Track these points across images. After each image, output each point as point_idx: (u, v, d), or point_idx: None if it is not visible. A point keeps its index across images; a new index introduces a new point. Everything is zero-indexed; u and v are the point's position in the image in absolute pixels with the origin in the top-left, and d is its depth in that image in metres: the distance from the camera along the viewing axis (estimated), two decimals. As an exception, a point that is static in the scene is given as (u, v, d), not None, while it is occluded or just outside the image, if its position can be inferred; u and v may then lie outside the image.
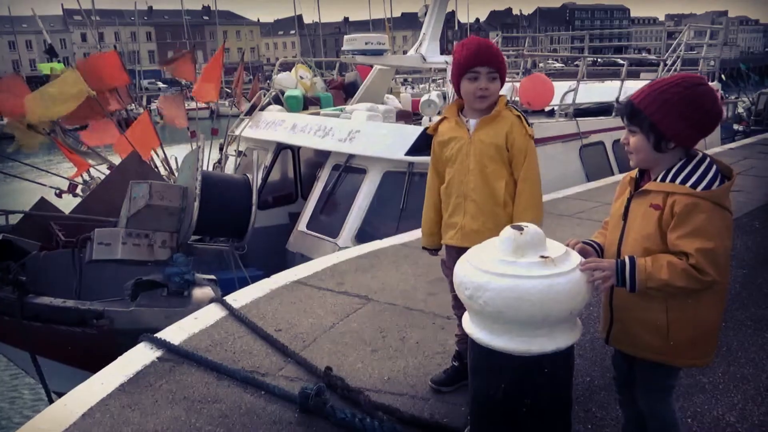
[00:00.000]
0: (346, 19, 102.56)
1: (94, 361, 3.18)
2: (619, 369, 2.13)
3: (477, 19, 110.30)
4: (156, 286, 4.62)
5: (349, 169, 6.89)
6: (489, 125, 2.53)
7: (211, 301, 3.79)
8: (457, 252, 2.62)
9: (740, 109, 20.04)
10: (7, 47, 75.25)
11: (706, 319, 1.90)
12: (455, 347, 2.88)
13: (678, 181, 1.81)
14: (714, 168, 1.82)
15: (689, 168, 1.82)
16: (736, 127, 17.41)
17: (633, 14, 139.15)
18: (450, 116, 2.65)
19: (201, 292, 4.58)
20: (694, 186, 1.78)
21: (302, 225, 6.87)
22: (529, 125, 2.55)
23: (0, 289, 4.84)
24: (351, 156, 6.83)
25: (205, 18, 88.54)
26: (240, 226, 5.76)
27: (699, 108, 1.80)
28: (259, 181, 6.78)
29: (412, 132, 6.59)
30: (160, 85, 63.19)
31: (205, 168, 5.96)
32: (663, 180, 1.84)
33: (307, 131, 7.33)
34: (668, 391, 2.02)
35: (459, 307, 2.68)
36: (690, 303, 1.84)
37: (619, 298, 1.97)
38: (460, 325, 2.71)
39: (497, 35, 16.96)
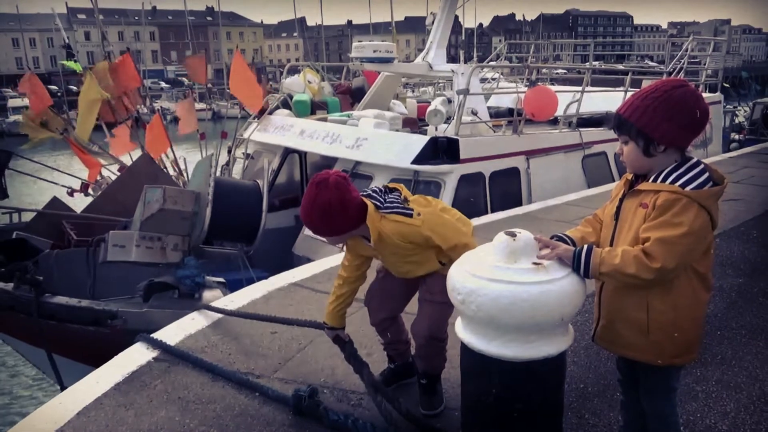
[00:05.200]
0: (349, 22, 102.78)
1: (106, 360, 3.21)
2: (623, 371, 2.17)
3: (480, 24, 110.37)
4: (168, 288, 4.73)
5: (356, 175, 7.00)
6: (383, 244, 2.46)
7: (197, 308, 3.79)
8: None
9: (741, 118, 20.03)
10: (11, 45, 75.45)
11: (687, 317, 1.92)
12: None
13: (669, 181, 1.85)
14: (706, 173, 1.86)
15: (681, 170, 1.86)
16: (734, 136, 17.39)
17: (636, 22, 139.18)
18: (349, 241, 2.62)
19: (211, 295, 4.69)
20: (683, 186, 1.83)
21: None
22: (410, 216, 2.41)
23: (17, 288, 4.94)
24: (358, 163, 6.95)
25: (209, 19, 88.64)
26: (250, 231, 5.87)
27: (682, 108, 1.84)
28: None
29: (418, 141, 6.71)
30: (163, 84, 63.38)
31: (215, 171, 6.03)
32: (655, 181, 1.89)
33: (315, 137, 7.42)
34: (671, 392, 2.06)
35: (376, 310, 2.79)
36: (669, 302, 1.87)
37: (605, 296, 2.03)
38: (379, 333, 2.86)
39: (501, 41, 16.98)
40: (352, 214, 2.40)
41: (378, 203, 2.44)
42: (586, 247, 1.89)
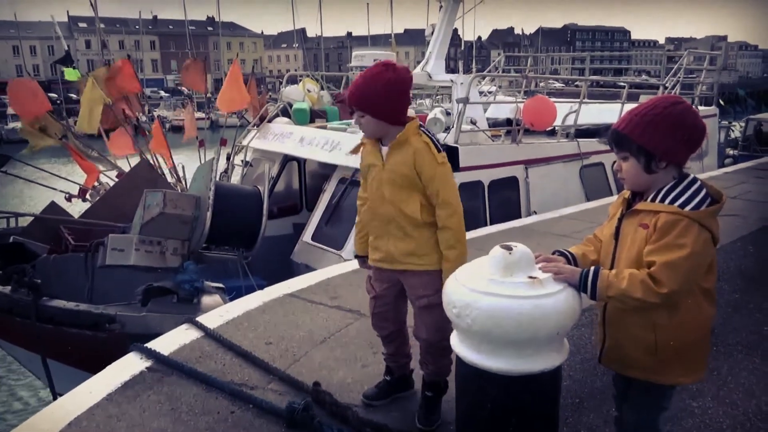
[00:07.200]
0: (349, 33, 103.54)
1: (102, 365, 3.21)
2: (619, 387, 2.15)
3: (479, 38, 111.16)
4: (166, 292, 4.71)
5: (355, 182, 6.99)
6: (397, 152, 2.50)
7: (185, 321, 3.77)
8: (381, 273, 2.67)
9: (737, 133, 20.12)
10: (11, 52, 75.63)
11: (694, 334, 1.91)
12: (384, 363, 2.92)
13: (667, 201, 1.84)
14: (704, 191, 1.86)
15: (679, 189, 1.86)
16: (728, 151, 17.48)
17: (633, 37, 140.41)
18: (367, 141, 2.64)
19: (210, 300, 4.68)
20: (682, 206, 1.82)
21: (307, 236, 6.95)
22: (439, 151, 2.49)
23: (15, 291, 4.91)
24: (357, 170, 6.92)
25: (209, 29, 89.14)
26: (250, 236, 5.86)
27: (681, 124, 1.85)
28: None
29: None
30: (162, 93, 63.63)
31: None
32: (653, 200, 1.88)
33: (315, 144, 7.44)
34: (661, 411, 2.04)
35: (380, 327, 2.77)
36: (676, 321, 1.86)
37: (610, 316, 2.01)
38: (384, 344, 2.82)
39: (499, 54, 17.11)
40: (398, 105, 2.46)
41: (421, 125, 2.53)
42: (593, 270, 1.88)
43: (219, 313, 3.96)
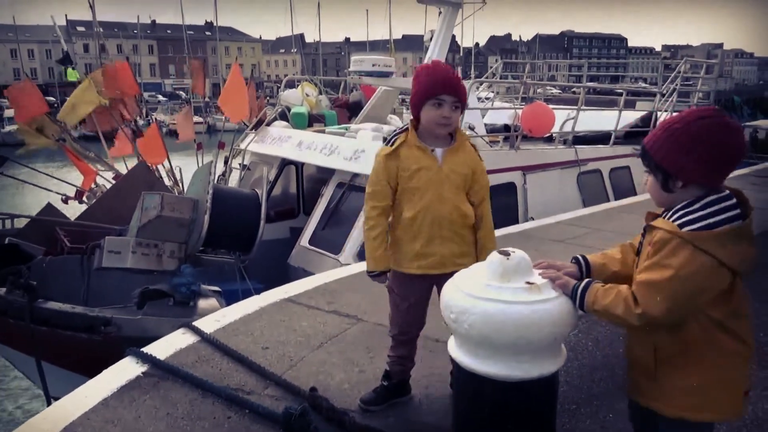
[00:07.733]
0: (347, 39, 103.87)
1: (97, 368, 3.19)
2: (634, 410, 1.99)
3: (476, 44, 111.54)
4: (163, 295, 4.69)
5: (353, 187, 7.01)
6: (456, 155, 2.64)
7: (181, 326, 3.75)
8: (424, 279, 2.67)
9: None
10: (9, 55, 75.68)
11: (702, 366, 1.73)
12: (385, 366, 2.90)
13: (674, 218, 1.70)
14: (730, 212, 1.67)
15: (693, 207, 1.69)
16: None
17: (630, 44, 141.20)
18: (411, 143, 2.61)
19: (206, 303, 4.66)
20: (683, 225, 1.66)
21: (305, 240, 6.95)
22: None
23: (10, 293, 4.88)
24: (355, 175, 6.95)
25: (208, 33, 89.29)
26: (248, 239, 5.86)
27: (702, 141, 1.66)
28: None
29: None
30: (160, 98, 63.64)
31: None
32: (664, 217, 1.75)
33: (313, 148, 7.45)
34: None
35: (408, 333, 2.78)
36: (678, 345, 1.73)
37: (626, 332, 1.93)
38: (393, 346, 2.82)
39: (497, 60, 17.17)
40: None
41: None
42: (585, 281, 1.82)
43: (215, 318, 3.95)
